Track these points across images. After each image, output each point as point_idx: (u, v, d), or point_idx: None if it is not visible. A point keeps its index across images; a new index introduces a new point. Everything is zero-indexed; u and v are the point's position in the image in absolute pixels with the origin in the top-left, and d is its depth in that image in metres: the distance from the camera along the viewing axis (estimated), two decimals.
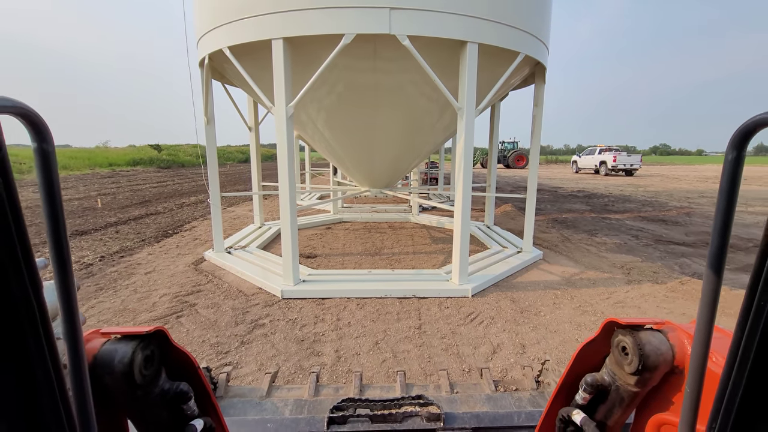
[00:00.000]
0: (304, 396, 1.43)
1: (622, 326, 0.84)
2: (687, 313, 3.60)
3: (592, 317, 3.51)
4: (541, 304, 3.80)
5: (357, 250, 5.88)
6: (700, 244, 6.48)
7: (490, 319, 3.44)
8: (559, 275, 4.66)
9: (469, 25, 3.52)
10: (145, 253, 5.55)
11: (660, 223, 8.45)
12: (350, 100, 4.43)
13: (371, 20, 3.33)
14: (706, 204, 11.37)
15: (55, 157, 0.38)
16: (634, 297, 4.00)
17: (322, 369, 2.66)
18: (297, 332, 3.18)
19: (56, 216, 0.39)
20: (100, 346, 0.72)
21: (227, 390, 1.44)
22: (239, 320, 3.38)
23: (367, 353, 2.88)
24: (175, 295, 3.94)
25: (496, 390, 1.47)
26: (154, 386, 0.76)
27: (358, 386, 1.47)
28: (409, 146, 5.47)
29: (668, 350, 0.78)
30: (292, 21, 3.42)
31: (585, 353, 0.92)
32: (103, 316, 3.45)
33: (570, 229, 7.60)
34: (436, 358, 2.81)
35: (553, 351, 2.92)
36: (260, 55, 3.74)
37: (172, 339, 0.82)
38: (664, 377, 0.81)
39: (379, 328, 3.27)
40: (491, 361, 2.77)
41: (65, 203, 10.11)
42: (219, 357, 2.80)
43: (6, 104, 0.33)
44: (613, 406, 0.87)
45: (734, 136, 0.41)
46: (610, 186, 17.13)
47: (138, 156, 28.97)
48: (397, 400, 1.29)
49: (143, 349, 0.73)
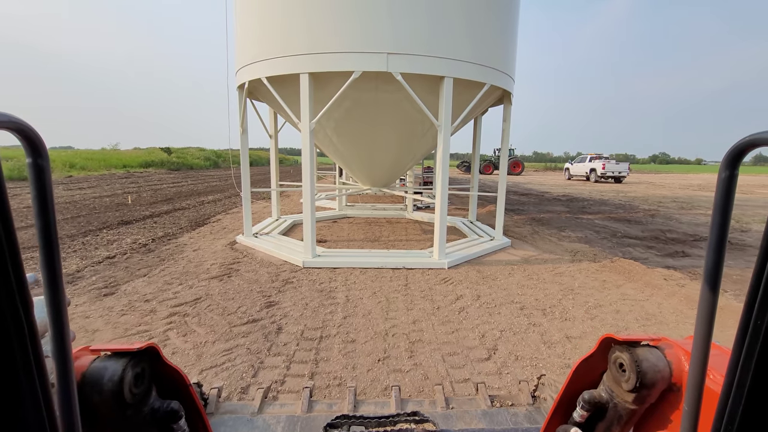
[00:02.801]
0: (296, 412, 1.40)
1: (619, 342, 0.82)
2: (608, 280, 4.81)
3: (536, 281, 4.72)
4: (499, 273, 5.02)
5: (359, 237, 7.11)
6: (650, 239, 7.69)
7: (458, 282, 4.66)
8: (520, 256, 5.89)
9: (446, 65, 4.77)
10: (187, 238, 6.78)
11: (624, 222, 9.67)
12: (356, 117, 5.68)
13: (374, 62, 4.58)
14: (673, 207, 12.60)
15: (50, 172, 0.38)
16: (572, 270, 5.22)
17: (335, 309, 3.86)
18: (317, 287, 4.40)
19: (48, 229, 0.37)
20: (89, 363, 0.70)
21: (218, 407, 1.40)
22: (274, 279, 4.61)
23: (368, 298, 4.09)
24: (221, 264, 5.17)
25: (492, 405, 1.47)
26: (144, 405, 0.75)
27: (352, 402, 1.44)
28: (403, 152, 6.73)
29: (665, 367, 0.77)
30: (316, 61, 4.68)
31: (582, 369, 0.90)
32: (171, 276, 4.67)
33: (543, 226, 8.82)
34: (416, 302, 4.03)
35: (499, 298, 4.13)
36: (288, 84, 5.00)
37: (164, 356, 0.81)
38: (662, 394, 0.80)
39: (377, 285, 4.50)
40: (454, 304, 3.98)
41: (97, 200, 11.38)
42: (264, 298, 4.01)
43: (2, 119, 0.33)
44: (611, 424, 0.85)
45: (727, 155, 0.41)
46: (594, 192, 18.38)
47: (149, 158, 30.25)
48: (393, 417, 1.26)
49: (134, 367, 0.71)
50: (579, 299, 4.17)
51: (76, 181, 18.00)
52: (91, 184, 16.43)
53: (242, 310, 3.72)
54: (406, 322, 3.55)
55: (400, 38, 4.60)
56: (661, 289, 4.47)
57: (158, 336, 3.15)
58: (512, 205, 12.70)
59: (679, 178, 35.08)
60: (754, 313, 0.40)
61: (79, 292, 4.11)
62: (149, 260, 5.32)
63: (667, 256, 6.28)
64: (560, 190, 18.96)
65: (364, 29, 4.58)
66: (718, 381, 0.68)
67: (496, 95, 6.02)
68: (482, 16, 5.04)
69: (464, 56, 4.88)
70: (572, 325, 3.53)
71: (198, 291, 4.18)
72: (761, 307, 0.39)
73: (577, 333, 3.38)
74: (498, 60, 5.35)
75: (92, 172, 23.04)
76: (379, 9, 4.55)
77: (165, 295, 4.04)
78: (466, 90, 5.15)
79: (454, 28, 4.79)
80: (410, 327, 3.45)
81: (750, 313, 0.40)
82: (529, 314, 3.76)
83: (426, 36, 4.67)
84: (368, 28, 4.58)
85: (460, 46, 4.85)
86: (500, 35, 5.39)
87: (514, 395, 1.54)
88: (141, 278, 4.57)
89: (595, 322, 3.61)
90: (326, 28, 4.62)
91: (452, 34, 4.80)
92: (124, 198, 12.20)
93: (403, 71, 4.62)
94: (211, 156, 39.89)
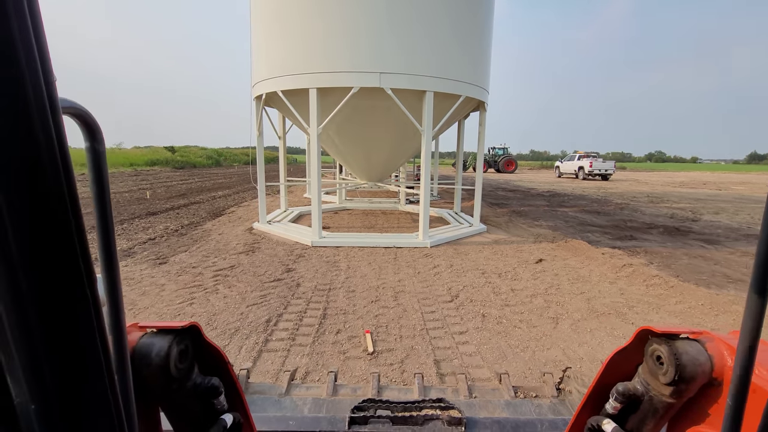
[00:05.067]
0: (322, 395, 1.44)
1: (657, 335, 0.81)
2: (558, 255, 5.96)
3: (499, 256, 5.88)
4: (471, 251, 6.17)
5: (357, 225, 8.25)
6: (610, 227, 8.85)
7: (437, 256, 5.81)
8: (491, 239, 7.05)
9: (428, 81, 5.90)
10: (210, 225, 7.91)
11: (594, 214, 10.85)
12: (355, 122, 6.81)
13: (369, 79, 5.71)
14: (643, 202, 13.79)
15: (105, 157, 0.40)
16: (531, 249, 6.38)
17: (339, 273, 4.99)
18: (324, 259, 5.54)
19: (105, 212, 0.40)
20: (138, 339, 0.74)
21: (247, 387, 1.46)
22: (289, 254, 5.75)
23: (364, 266, 5.24)
24: (245, 243, 6.31)
25: (515, 396, 1.46)
26: (187, 380, 0.79)
27: (376, 387, 1.48)
28: (394, 151, 7.88)
29: (706, 361, 0.75)
30: (322, 78, 5.80)
31: (616, 361, 0.89)
32: (206, 252, 5.79)
33: (521, 217, 9.98)
34: (402, 269, 5.16)
35: (467, 267, 5.28)
36: (299, 95, 6.12)
37: (205, 334, 0.84)
38: (701, 389, 0.77)
39: (372, 258, 5.64)
40: (431, 270, 5.12)
41: (118, 195, 12.48)
42: (284, 266, 5.15)
43: (67, 105, 0.34)
44: (645, 417, 0.84)
45: None
46: (577, 188, 19.57)
47: (155, 157, 31.30)
48: (418, 402, 1.28)
49: (178, 344, 0.75)
50: (529, 267, 5.33)
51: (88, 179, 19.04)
52: None
53: (268, 273, 4.86)
54: (393, 281, 4.70)
55: (390, 60, 5.73)
56: (597, 261, 5.63)
57: (209, 288, 4.29)
58: (498, 200, 13.86)
59: (666, 176, 36.36)
60: None
61: (138, 261, 5.24)
62: (185, 241, 6.45)
63: (617, 239, 7.45)
64: (546, 187, 20.14)
65: (361, 54, 5.71)
66: (764, 377, 0.66)
67: (472, 104, 7.16)
68: (458, 41, 6.18)
69: (442, 74, 6.01)
70: (518, 283, 4.68)
71: (231, 261, 5.32)
72: None
73: (520, 287, 4.53)
74: (472, 76, 6.48)
75: None
76: (373, 37, 5.68)
77: (206, 264, 5.17)
78: (445, 101, 6.29)
79: (433, 52, 5.93)
80: (396, 284, 4.59)
81: None
82: (488, 276, 4.91)
83: (410, 58, 5.80)
84: (365, 52, 5.70)
85: (438, 66, 5.98)
86: (474, 56, 6.52)
87: (539, 387, 1.57)
88: (183, 253, 5.71)
89: (536, 281, 4.77)
90: (332, 52, 5.75)
91: (432, 57, 5.93)
92: (141, 193, 13.29)
93: (392, 86, 5.75)
94: (213, 155, 40.95)
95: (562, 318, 3.70)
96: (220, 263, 5.22)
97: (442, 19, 5.93)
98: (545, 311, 3.85)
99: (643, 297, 4.26)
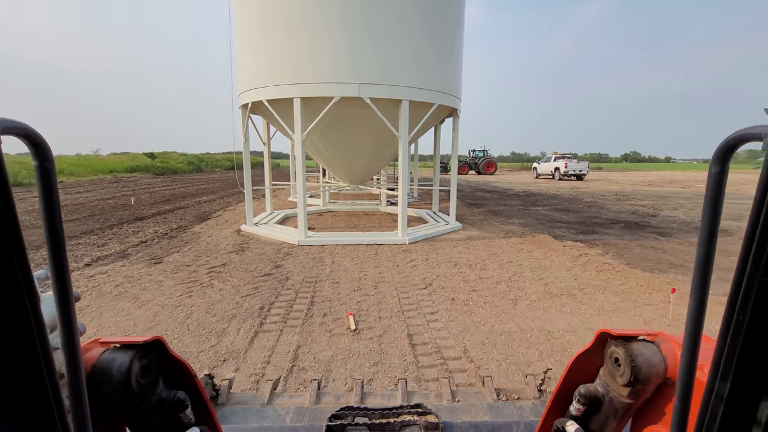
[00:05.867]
0: (305, 404, 1.46)
1: (615, 337, 0.84)
2: (523, 248, 6.55)
3: (471, 250, 6.42)
4: (446, 246, 6.70)
5: (341, 226, 8.70)
6: (576, 223, 9.54)
7: (414, 251, 6.31)
8: (465, 235, 7.60)
9: (403, 91, 6.42)
10: (198, 228, 8.22)
11: (564, 212, 11.57)
12: (337, 128, 7.27)
13: (349, 89, 6.19)
14: (611, 200, 14.67)
15: (56, 175, 0.39)
16: (501, 243, 6.96)
17: (324, 268, 5.42)
18: (310, 256, 5.97)
19: (55, 229, 0.39)
20: (98, 355, 0.73)
21: (229, 397, 1.45)
22: (277, 252, 6.15)
23: (347, 261, 5.69)
24: (234, 244, 6.67)
25: (498, 399, 1.50)
26: (151, 395, 0.79)
27: (359, 394, 1.49)
28: (374, 155, 8.38)
29: (660, 362, 0.78)
30: (306, 88, 6.25)
31: (579, 364, 0.92)
32: (198, 252, 6.14)
33: (495, 216, 10.60)
34: (382, 263, 5.64)
35: (441, 260, 5.79)
36: (283, 104, 6.55)
37: (170, 348, 0.84)
38: (658, 389, 0.81)
39: (355, 254, 6.10)
40: (409, 263, 5.61)
41: (102, 202, 12.57)
42: (272, 264, 5.55)
43: (9, 125, 0.34)
44: (607, 418, 0.87)
45: (718, 150, 0.41)
46: (552, 188, 20.48)
47: (134, 163, 30.97)
48: (396, 409, 1.30)
49: (140, 359, 0.75)
50: (497, 259, 5.89)
51: (69, 186, 18.89)
52: (86, 189, 17.42)
53: (259, 269, 5.26)
54: (374, 273, 5.17)
55: (369, 72, 6.23)
56: (558, 252, 6.24)
57: (205, 283, 4.67)
58: (476, 200, 14.50)
59: (637, 175, 37.96)
60: (737, 310, 0.41)
61: (134, 262, 5.56)
62: (176, 243, 6.77)
63: (581, 233, 8.12)
64: (523, 188, 20.98)
65: (342, 66, 6.19)
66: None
67: (446, 111, 7.73)
68: (431, 53, 6.73)
69: (416, 84, 6.55)
70: (486, 272, 5.22)
71: (223, 259, 5.70)
72: (743, 304, 0.40)
73: (487, 275, 5.07)
74: (444, 85, 7.04)
75: (81, 177, 23.80)
76: (353, 51, 6.17)
77: (199, 262, 5.54)
78: (420, 108, 6.82)
79: (408, 64, 6.46)
80: (376, 275, 5.07)
81: (733, 309, 0.41)
82: (460, 267, 5.43)
83: (387, 70, 6.31)
84: (346, 65, 6.18)
85: (413, 77, 6.52)
86: (446, 67, 7.09)
87: (521, 389, 1.58)
88: (176, 254, 6.04)
89: (502, 270, 5.31)
90: (316, 65, 6.21)
91: (407, 68, 6.46)
92: (125, 200, 13.40)
93: (371, 96, 6.25)
94: (194, 160, 40.63)
95: (521, 299, 4.24)
96: (212, 261, 5.59)
97: (417, 34, 6.47)
98: (507, 294, 4.39)
99: (593, 281, 4.85)
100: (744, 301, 0.41)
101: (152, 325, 3.51)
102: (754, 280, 0.40)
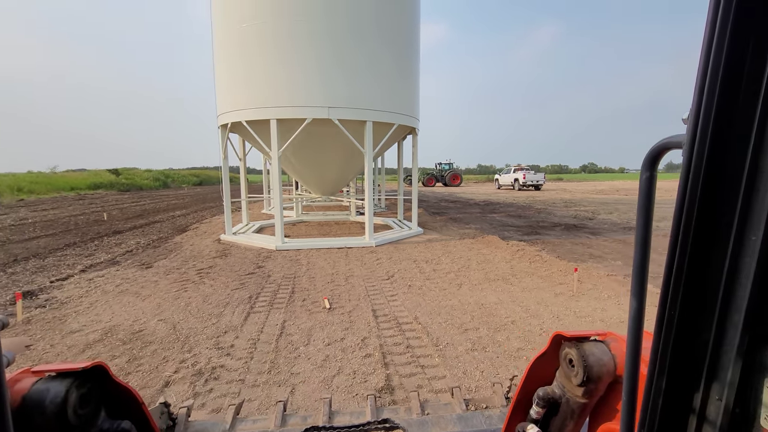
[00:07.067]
0: (269, 427, 1.39)
1: (569, 339, 0.86)
2: (474, 247, 7.60)
3: (430, 250, 7.40)
4: (408, 247, 7.66)
5: (314, 234, 9.49)
6: (524, 227, 10.79)
7: (380, 252, 7.22)
8: (426, 238, 8.60)
9: (368, 113, 7.41)
10: (179, 239, 8.76)
11: (516, 217, 12.87)
12: (309, 146, 8.14)
13: (320, 112, 7.11)
14: (560, 207, 16.26)
15: None
16: (455, 243, 8.00)
17: (301, 266, 6.21)
18: (288, 258, 6.74)
19: None
20: (30, 386, 0.69)
21: (187, 426, 1.37)
22: (257, 256, 6.87)
23: (321, 261, 6.51)
24: (216, 251, 7.33)
25: (467, 409, 1.50)
26: (91, 426, 0.73)
27: (327, 413, 1.43)
28: (343, 169, 9.30)
29: (610, 360, 0.80)
30: (281, 111, 7.11)
31: (537, 367, 0.93)
32: (183, 258, 6.76)
33: (455, 222, 11.72)
34: (352, 262, 6.50)
35: (402, 258, 6.72)
36: (260, 124, 7.37)
37: (113, 374, 0.79)
38: (610, 387, 0.83)
39: (327, 256, 6.92)
40: (375, 262, 6.50)
41: (73, 218, 12.70)
42: (255, 265, 6.28)
43: None
44: (565, 419, 0.88)
45: (646, 158, 0.44)
46: (510, 197, 22.11)
47: (97, 180, 30.26)
48: (363, 425, 1.29)
49: (79, 387, 0.70)
50: (450, 256, 6.89)
51: (32, 203, 18.52)
52: (51, 206, 17.20)
53: (243, 269, 5.98)
54: (344, 270, 6.02)
55: (337, 96, 7.18)
56: (501, 248, 7.34)
57: (196, 281, 5.35)
58: (439, 210, 15.65)
59: (590, 185, 40.83)
60: (668, 306, 0.43)
61: (126, 267, 6.13)
62: (160, 251, 7.34)
63: (525, 235, 9.32)
64: (484, 198, 22.49)
65: (314, 92, 7.11)
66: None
67: (406, 130, 8.80)
68: (392, 80, 7.78)
69: (379, 107, 7.56)
70: (440, 266, 6.19)
71: (209, 263, 6.37)
72: (672, 301, 0.42)
73: (440, 268, 6.04)
74: (403, 108, 8.11)
75: (42, 195, 23.18)
76: (323, 79, 7.11)
77: (188, 266, 6.18)
78: (382, 128, 7.83)
79: (372, 89, 7.47)
80: (347, 271, 5.92)
81: (664, 306, 0.43)
82: (418, 263, 6.38)
83: (354, 95, 7.29)
84: (317, 91, 7.11)
85: (376, 100, 7.53)
86: (405, 92, 8.17)
87: (488, 398, 1.59)
88: (163, 260, 6.64)
89: (453, 264, 6.31)
90: (291, 90, 7.10)
91: (371, 93, 7.47)
92: (97, 216, 13.54)
93: (339, 118, 7.19)
94: (160, 176, 39.98)
95: (465, 284, 5.22)
96: (199, 265, 6.25)
97: (380, 63, 7.51)
98: (454, 281, 5.36)
99: (525, 269, 5.93)
100: (673, 299, 0.43)
101: (158, 312, 4.20)
102: (682, 274, 0.42)
